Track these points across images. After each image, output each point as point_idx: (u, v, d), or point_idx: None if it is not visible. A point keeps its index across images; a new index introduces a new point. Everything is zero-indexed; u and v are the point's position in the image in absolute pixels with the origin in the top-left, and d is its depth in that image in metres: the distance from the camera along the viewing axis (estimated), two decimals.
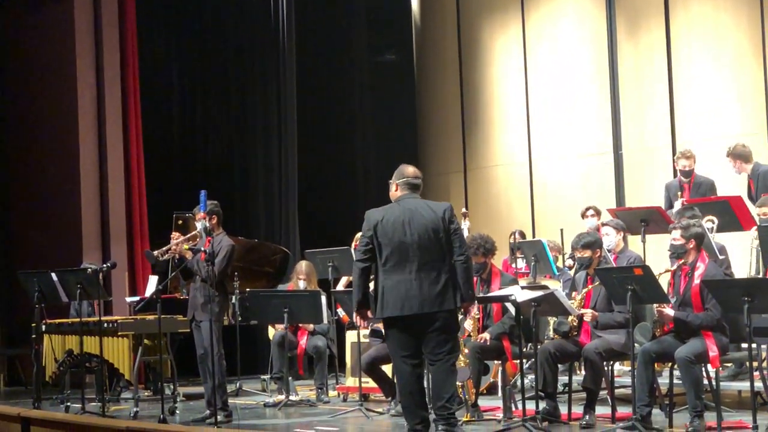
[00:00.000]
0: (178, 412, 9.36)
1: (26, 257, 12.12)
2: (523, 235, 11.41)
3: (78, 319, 9.65)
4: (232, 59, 13.64)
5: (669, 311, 7.64)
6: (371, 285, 7.28)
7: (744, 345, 7.57)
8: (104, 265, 10.42)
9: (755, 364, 7.48)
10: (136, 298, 11.20)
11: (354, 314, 7.68)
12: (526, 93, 13.82)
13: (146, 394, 10.54)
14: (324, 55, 14.46)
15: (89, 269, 9.86)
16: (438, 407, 7.05)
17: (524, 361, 8.76)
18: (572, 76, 13.41)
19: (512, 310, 7.96)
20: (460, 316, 7.91)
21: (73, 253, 11.78)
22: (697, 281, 7.55)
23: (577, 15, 13.44)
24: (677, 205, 9.77)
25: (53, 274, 9.64)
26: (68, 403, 9.64)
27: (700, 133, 11.88)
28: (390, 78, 15.27)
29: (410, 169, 7.45)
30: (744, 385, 8.20)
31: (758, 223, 8.82)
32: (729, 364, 8.38)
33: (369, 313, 7.33)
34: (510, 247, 10.52)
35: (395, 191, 7.36)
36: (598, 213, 10.46)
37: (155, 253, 8.99)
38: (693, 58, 12.27)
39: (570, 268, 9.84)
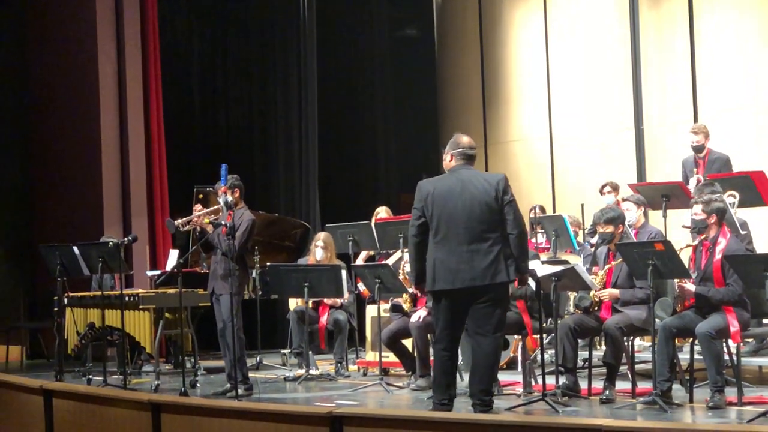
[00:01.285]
0: (198, 385, 9.40)
1: (48, 231, 12.14)
2: (543, 210, 11.37)
3: (99, 293, 9.69)
4: (252, 33, 13.64)
5: (690, 286, 7.63)
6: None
7: (765, 320, 7.54)
8: (125, 239, 10.41)
9: None
10: (157, 272, 11.22)
11: (413, 288, 7.66)
12: (547, 68, 13.79)
13: (167, 367, 10.59)
14: (344, 29, 14.47)
15: (110, 243, 9.88)
16: (480, 390, 6.97)
17: (544, 336, 8.73)
18: (593, 50, 13.35)
19: (533, 285, 7.93)
20: None
21: (95, 226, 11.81)
22: (718, 256, 7.54)
23: None
24: (692, 181, 9.74)
25: (75, 248, 9.69)
26: (90, 376, 9.69)
27: (723, 106, 11.78)
28: (410, 53, 15.30)
29: (465, 139, 7.31)
30: (765, 361, 8.20)
31: None
32: (750, 340, 8.39)
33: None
34: (530, 222, 10.48)
35: (450, 161, 7.22)
36: (615, 189, 10.40)
37: (177, 222, 9.00)
38: (716, 30, 12.19)
39: (590, 244, 9.82)
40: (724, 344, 7.67)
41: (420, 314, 8.93)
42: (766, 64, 11.80)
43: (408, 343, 9.25)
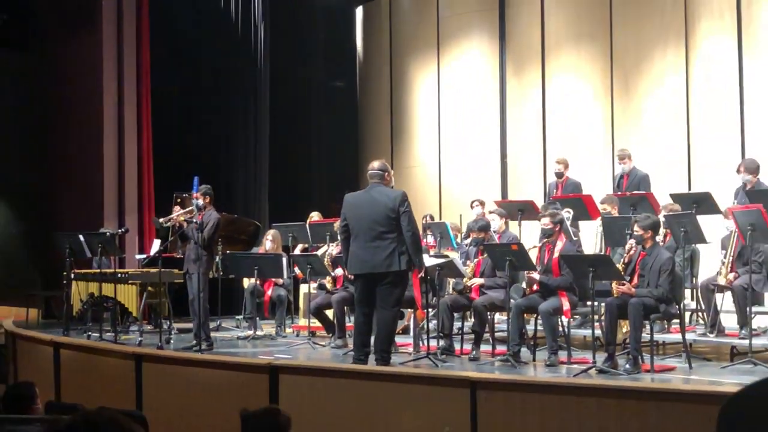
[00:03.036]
0: (172, 341, 9.35)
1: (60, 222, 11.96)
2: (432, 217, 11.51)
3: (98, 270, 9.62)
4: (221, 75, 13.52)
5: (535, 276, 7.77)
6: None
7: (588, 303, 7.71)
8: (119, 230, 10.45)
9: (596, 316, 7.62)
10: (143, 256, 11.13)
11: (344, 271, 7.90)
12: (438, 112, 13.89)
13: (148, 327, 10.49)
14: (291, 79, 14.41)
15: (108, 233, 9.89)
16: (381, 349, 7.05)
17: (430, 309, 8.85)
18: (472, 100, 13.48)
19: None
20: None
21: (96, 220, 11.69)
22: (556, 255, 7.69)
23: (477, 56, 13.52)
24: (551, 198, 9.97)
25: (80, 236, 9.62)
26: (89, 333, 9.59)
27: (566, 145, 11.95)
28: (339, 97, 15.31)
29: (376, 163, 7.43)
30: (588, 332, 8.36)
31: (602, 215, 8.96)
32: (578, 316, 8.53)
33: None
34: (423, 226, 10.59)
35: (369, 180, 7.40)
36: (482, 204, 10.54)
37: (161, 220, 9.15)
38: (561, 90, 12.43)
39: (466, 244, 9.93)
40: (559, 319, 7.83)
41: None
42: (596, 116, 12.04)
43: (330, 313, 9.29)
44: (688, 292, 8.54)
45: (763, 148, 9.90)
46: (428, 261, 7.95)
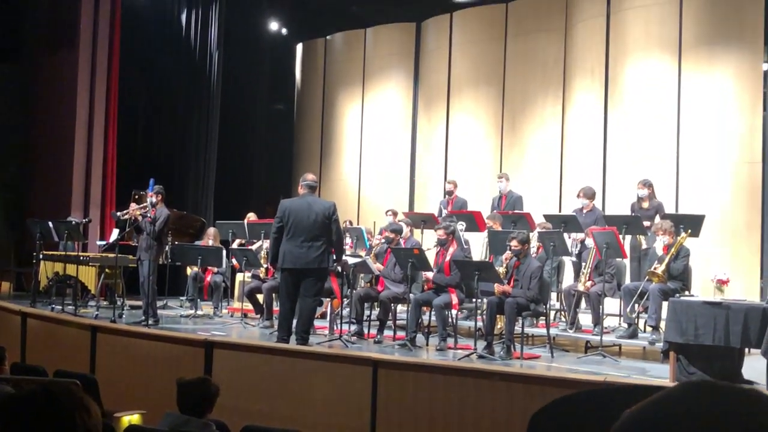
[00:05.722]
0: (124, 316, 9.15)
1: (33, 210, 11.62)
2: (351, 223, 11.50)
3: (64, 253, 9.40)
4: (180, 95, 13.29)
5: (430, 274, 7.84)
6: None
7: (473, 299, 7.81)
8: (84, 220, 10.22)
9: (479, 311, 7.72)
10: (103, 242, 10.86)
11: (269, 265, 7.83)
12: (360, 136, 13.93)
13: (104, 303, 10.25)
14: (239, 100, 14.24)
15: (73, 221, 9.67)
16: (302, 330, 7.05)
17: (345, 299, 8.86)
18: (389, 128, 13.56)
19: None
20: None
21: (65, 210, 11.38)
22: (448, 258, 7.78)
23: (394, 92, 13.60)
24: (444, 213, 10.01)
25: (50, 223, 9.39)
26: (53, 306, 9.32)
27: (467, 170, 12.11)
28: (278, 119, 15.20)
29: (310, 176, 7.45)
30: (471, 323, 8.46)
31: (487, 229, 9.08)
32: (464, 310, 8.63)
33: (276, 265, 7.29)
34: (343, 230, 10.55)
35: (300, 189, 7.33)
36: (395, 213, 10.58)
37: (118, 213, 8.95)
38: (461, 125, 12.58)
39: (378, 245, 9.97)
40: (449, 312, 7.90)
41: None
42: (488, 148, 12.21)
43: (259, 297, 9.22)
44: (554, 295, 8.73)
45: (620, 182, 10.19)
46: (347, 260, 7.97)
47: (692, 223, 7.91)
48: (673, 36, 9.90)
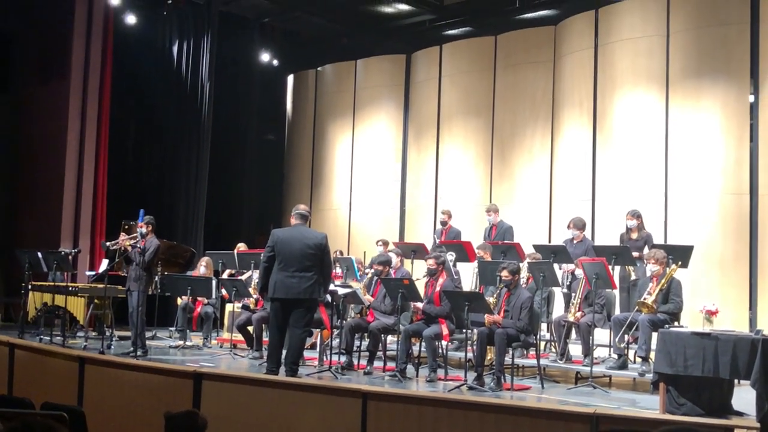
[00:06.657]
0: (112, 347, 9.10)
1: (22, 240, 11.62)
2: (342, 253, 11.50)
3: (53, 283, 9.34)
4: (171, 126, 13.34)
5: (419, 305, 7.84)
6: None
7: (463, 330, 7.80)
8: (73, 250, 10.21)
9: (469, 342, 7.71)
10: (93, 273, 10.83)
11: (259, 294, 7.82)
12: (351, 166, 13.98)
13: (93, 334, 10.19)
14: (230, 131, 14.30)
15: (63, 252, 9.62)
16: (291, 362, 7.02)
17: (335, 329, 8.84)
18: (380, 158, 13.63)
19: (329, 298, 7.99)
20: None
21: (54, 240, 11.36)
22: (438, 289, 7.78)
23: (385, 122, 13.68)
24: (437, 241, 10.05)
25: (39, 253, 9.37)
26: (41, 337, 9.27)
27: (457, 201, 12.14)
28: (269, 150, 15.23)
29: (302, 206, 7.47)
30: (462, 354, 8.45)
31: (477, 259, 9.10)
32: (455, 341, 8.62)
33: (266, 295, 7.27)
34: (333, 260, 10.55)
35: (292, 220, 7.33)
36: (385, 244, 10.59)
37: (108, 243, 8.96)
38: (451, 154, 12.65)
39: (368, 275, 9.95)
40: (439, 343, 7.88)
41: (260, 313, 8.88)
42: (477, 178, 12.27)
43: (251, 329, 9.18)
44: (544, 326, 8.73)
45: (609, 213, 10.25)
46: (336, 290, 7.96)
47: (681, 254, 7.96)
48: (660, 68, 10.03)
